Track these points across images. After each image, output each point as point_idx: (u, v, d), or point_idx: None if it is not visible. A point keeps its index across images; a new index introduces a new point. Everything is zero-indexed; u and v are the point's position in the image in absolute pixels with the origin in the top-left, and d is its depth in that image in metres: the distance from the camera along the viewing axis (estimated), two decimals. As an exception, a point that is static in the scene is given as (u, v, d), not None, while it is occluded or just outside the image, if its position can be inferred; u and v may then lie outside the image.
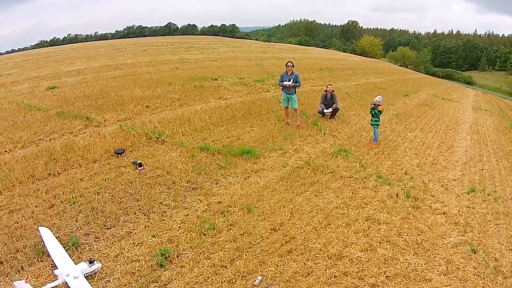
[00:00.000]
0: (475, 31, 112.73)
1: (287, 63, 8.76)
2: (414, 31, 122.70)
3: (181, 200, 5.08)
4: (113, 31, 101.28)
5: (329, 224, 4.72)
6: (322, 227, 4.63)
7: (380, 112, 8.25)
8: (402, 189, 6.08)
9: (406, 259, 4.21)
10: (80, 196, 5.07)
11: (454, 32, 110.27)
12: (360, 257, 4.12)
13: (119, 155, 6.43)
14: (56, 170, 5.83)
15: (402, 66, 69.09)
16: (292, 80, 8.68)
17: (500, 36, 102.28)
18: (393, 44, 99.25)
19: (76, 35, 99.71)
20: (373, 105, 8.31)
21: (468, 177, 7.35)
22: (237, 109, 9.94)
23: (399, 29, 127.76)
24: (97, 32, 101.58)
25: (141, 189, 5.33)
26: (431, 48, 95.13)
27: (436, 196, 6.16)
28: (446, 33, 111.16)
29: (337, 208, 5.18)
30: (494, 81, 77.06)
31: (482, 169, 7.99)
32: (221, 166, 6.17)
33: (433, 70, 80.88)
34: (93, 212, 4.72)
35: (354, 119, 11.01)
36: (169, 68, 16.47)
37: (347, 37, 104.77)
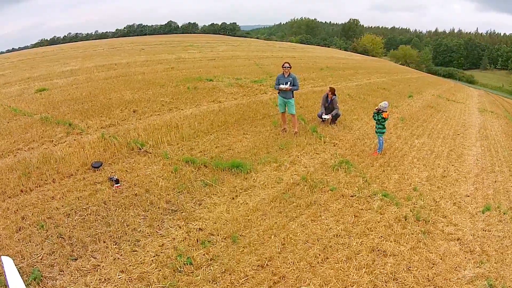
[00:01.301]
0: (477, 29, 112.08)
1: (283, 64, 8.03)
2: (415, 30, 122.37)
3: (158, 225, 4.42)
4: (114, 30, 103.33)
5: (327, 258, 4.04)
6: (318, 262, 3.95)
7: (385, 119, 7.52)
8: (411, 210, 5.39)
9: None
10: (49, 218, 4.49)
11: (455, 31, 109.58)
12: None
13: (96, 169, 5.81)
14: (29, 186, 5.26)
15: (404, 65, 68.64)
16: (289, 83, 7.98)
17: (502, 35, 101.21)
18: (394, 43, 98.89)
19: (76, 33, 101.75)
20: (376, 110, 7.55)
21: (481, 192, 6.67)
22: (230, 114, 9.27)
23: (400, 28, 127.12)
24: (97, 31, 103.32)
25: (115, 211, 4.68)
26: (432, 46, 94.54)
27: (449, 217, 5.49)
28: (447, 32, 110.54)
29: (337, 236, 4.49)
30: (495, 80, 76.16)
31: (495, 181, 7.31)
32: (206, 183, 5.50)
33: (435, 69, 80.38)
34: (60, 239, 4.12)
35: (357, 124, 10.32)
36: (164, 68, 15.91)
37: (348, 35, 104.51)
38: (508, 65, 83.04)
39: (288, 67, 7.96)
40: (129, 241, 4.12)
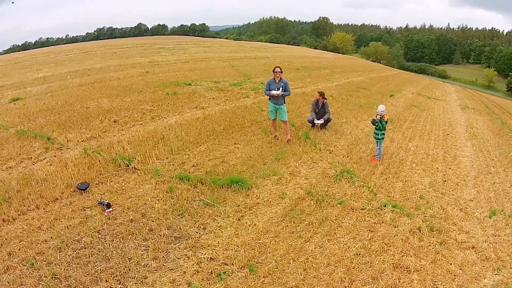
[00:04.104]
0: (448, 25, 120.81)
1: (274, 69, 8.08)
2: (386, 26, 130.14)
3: (163, 257, 4.22)
4: (84, 34, 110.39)
5: (353, 281, 4.09)
6: (345, 287, 3.99)
7: (386, 122, 7.81)
8: (423, 221, 5.62)
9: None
10: (39, 254, 4.18)
11: (426, 26, 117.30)
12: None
13: (83, 191, 5.51)
14: (11, 214, 4.92)
15: (375, 62, 72.38)
16: (281, 88, 8.03)
17: (474, 29, 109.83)
18: (365, 40, 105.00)
19: (47, 38, 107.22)
20: (378, 118, 7.79)
21: (483, 195, 7.11)
22: (216, 122, 9.19)
23: (370, 25, 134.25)
24: (68, 35, 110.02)
25: (112, 242, 4.43)
26: (403, 42, 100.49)
27: (458, 224, 5.79)
28: (418, 28, 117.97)
29: (357, 255, 4.57)
30: (468, 74, 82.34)
31: (494, 183, 7.83)
32: (206, 203, 5.36)
33: (406, 64, 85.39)
34: (56, 280, 3.83)
35: (347, 127, 10.62)
36: (139, 72, 15.83)
37: (318, 33, 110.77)
38: (481, 59, 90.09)
39: (279, 71, 8.01)
40: (134, 278, 3.90)
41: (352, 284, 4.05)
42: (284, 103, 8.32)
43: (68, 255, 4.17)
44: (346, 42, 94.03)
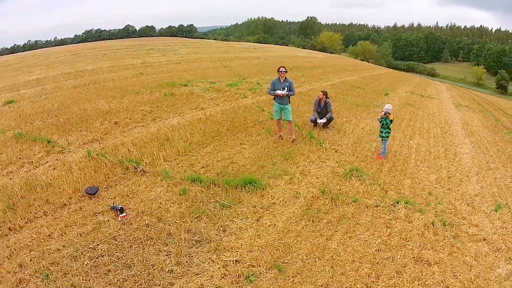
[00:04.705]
0: (437, 23, 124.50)
1: (279, 69, 8.26)
2: (374, 25, 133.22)
3: (187, 262, 4.29)
4: (72, 36, 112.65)
5: (379, 276, 4.28)
6: (373, 282, 4.18)
7: (391, 121, 8.10)
8: (435, 216, 5.90)
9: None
10: (53, 264, 4.12)
11: (415, 25, 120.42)
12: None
13: (92, 196, 5.50)
14: (17, 222, 4.84)
15: (363, 60, 73.92)
16: (286, 88, 8.22)
17: (463, 27, 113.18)
18: (353, 39, 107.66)
19: (36, 41, 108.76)
20: (384, 115, 8.09)
21: (487, 190, 7.46)
22: (219, 122, 9.33)
23: (358, 24, 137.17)
24: (56, 37, 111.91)
25: (130, 248, 4.44)
26: (391, 41, 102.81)
27: (468, 218, 6.10)
28: (406, 26, 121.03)
29: (379, 251, 4.77)
30: (457, 72, 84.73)
31: (495, 178, 8.19)
32: (223, 204, 5.47)
33: (395, 63, 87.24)
34: None
35: (348, 126, 10.88)
36: (132, 73, 15.96)
37: (306, 33, 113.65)
38: (470, 57, 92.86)
39: (284, 71, 8.20)
40: (160, 285, 3.92)
41: (378, 279, 4.24)
42: (289, 103, 8.50)
43: (85, 264, 4.12)
44: (334, 42, 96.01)
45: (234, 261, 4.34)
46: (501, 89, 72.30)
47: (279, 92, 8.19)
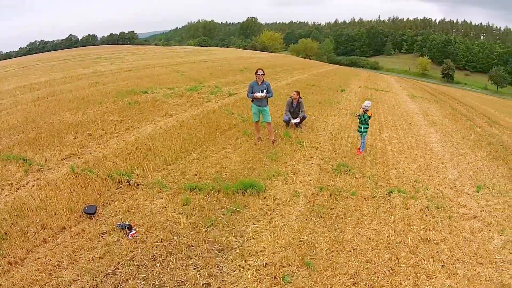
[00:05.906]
0: (379, 17, 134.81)
1: (257, 71, 8.73)
2: (314, 22, 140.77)
3: (218, 272, 4.42)
4: (17, 49, 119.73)
5: (399, 259, 4.88)
6: (395, 264, 4.77)
7: (369, 117, 8.94)
8: (428, 201, 6.75)
9: (481, 272, 4.85)
10: None
11: (356, 20, 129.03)
12: (452, 286, 4.45)
13: (92, 215, 5.40)
14: (16, 254, 4.59)
15: (305, 58, 78.04)
16: (264, 90, 8.69)
17: (406, 20, 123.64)
18: (294, 37, 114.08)
19: None
20: (363, 111, 8.90)
21: (464, 174, 8.59)
22: (194, 128, 9.68)
23: (298, 22, 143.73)
24: (1, 51, 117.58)
25: (154, 267, 4.43)
26: (333, 37, 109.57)
27: (455, 200, 7.05)
28: (348, 22, 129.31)
29: (390, 237, 5.40)
30: (401, 64, 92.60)
31: (468, 163, 9.44)
32: (232, 210, 5.73)
33: (337, 59, 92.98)
34: None
35: (319, 124, 11.65)
36: (88, 83, 16.06)
37: (247, 34, 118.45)
38: (414, 48, 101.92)
39: (262, 73, 8.69)
40: (202, 300, 4.07)
41: (399, 261, 4.84)
42: (268, 104, 8.98)
43: (111, 293, 4.08)
44: (275, 41, 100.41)
45: (264, 264, 4.61)
46: (447, 77, 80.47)
47: (257, 94, 8.63)
